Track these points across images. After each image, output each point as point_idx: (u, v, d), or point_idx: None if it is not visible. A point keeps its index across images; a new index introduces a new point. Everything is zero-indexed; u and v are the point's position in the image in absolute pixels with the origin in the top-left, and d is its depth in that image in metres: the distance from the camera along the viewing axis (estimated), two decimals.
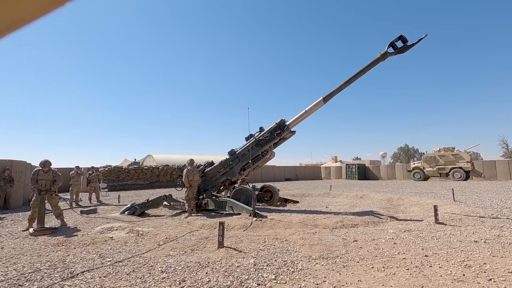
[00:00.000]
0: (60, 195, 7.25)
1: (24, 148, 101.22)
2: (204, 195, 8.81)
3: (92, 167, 13.14)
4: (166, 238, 5.12)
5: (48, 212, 7.57)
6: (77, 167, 11.72)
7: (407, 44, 7.04)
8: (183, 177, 8.16)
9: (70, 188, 11.49)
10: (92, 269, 3.59)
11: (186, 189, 8.12)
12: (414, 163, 27.88)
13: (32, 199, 6.50)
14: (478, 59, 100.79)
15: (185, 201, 8.17)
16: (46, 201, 6.57)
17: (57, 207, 6.71)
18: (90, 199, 12.48)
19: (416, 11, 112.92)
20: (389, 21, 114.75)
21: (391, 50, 7.20)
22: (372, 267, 3.50)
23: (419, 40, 6.92)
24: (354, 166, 33.34)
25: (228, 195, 9.45)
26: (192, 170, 8.17)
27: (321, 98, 8.17)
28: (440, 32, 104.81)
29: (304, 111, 8.47)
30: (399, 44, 7.12)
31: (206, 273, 3.40)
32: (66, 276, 3.38)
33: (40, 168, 6.54)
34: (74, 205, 10.80)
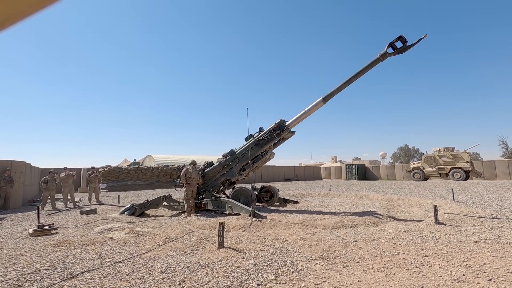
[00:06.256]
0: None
1: (24, 148, 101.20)
2: (204, 195, 8.82)
3: (92, 167, 13.17)
4: (166, 238, 5.12)
5: (49, 212, 7.59)
6: (65, 168, 11.80)
7: (407, 45, 7.06)
8: (181, 174, 8.30)
9: (62, 190, 11.46)
10: (92, 270, 3.59)
11: (184, 188, 8.20)
12: (414, 163, 27.89)
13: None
14: (478, 58, 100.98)
15: (184, 201, 8.24)
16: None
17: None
18: (90, 199, 12.49)
19: (416, 10, 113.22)
20: (389, 21, 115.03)
21: (390, 50, 7.22)
22: (372, 267, 3.50)
23: (419, 41, 6.93)
24: (354, 166, 33.35)
25: (227, 195, 9.45)
26: (190, 169, 8.33)
27: (321, 98, 8.18)
28: (440, 31, 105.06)
29: (303, 111, 8.47)
30: (399, 44, 7.14)
31: (206, 273, 3.40)
32: (65, 276, 3.38)
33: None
34: (69, 205, 10.87)
